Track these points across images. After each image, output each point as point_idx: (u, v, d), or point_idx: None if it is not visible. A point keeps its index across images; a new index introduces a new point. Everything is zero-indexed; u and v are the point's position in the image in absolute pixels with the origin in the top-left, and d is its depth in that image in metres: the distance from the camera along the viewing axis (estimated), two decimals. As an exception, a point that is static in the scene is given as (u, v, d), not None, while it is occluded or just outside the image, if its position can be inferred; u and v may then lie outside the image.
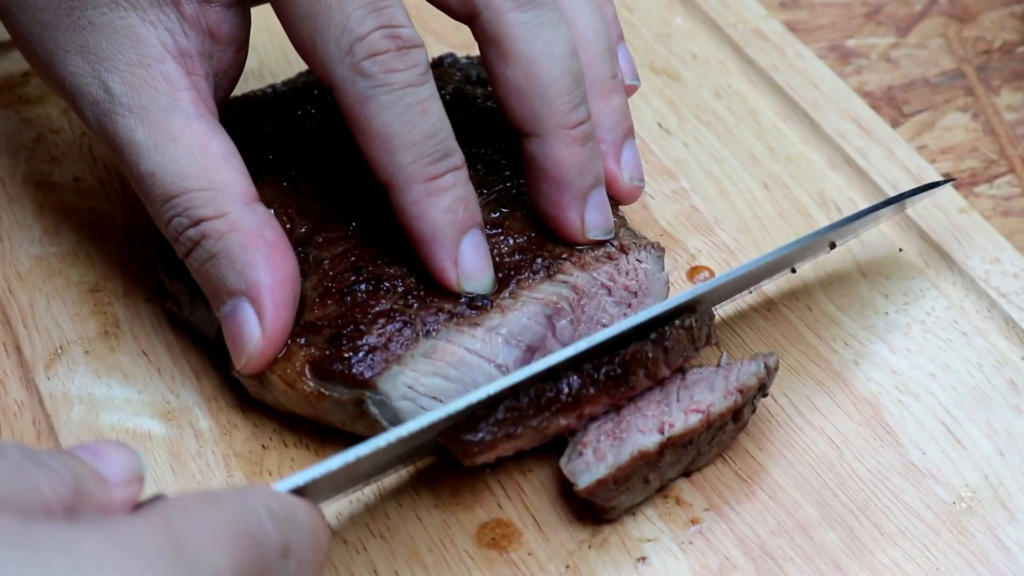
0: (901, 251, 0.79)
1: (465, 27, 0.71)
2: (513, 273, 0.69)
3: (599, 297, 0.71)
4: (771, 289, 0.77)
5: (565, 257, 0.70)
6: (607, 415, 0.67)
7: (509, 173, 0.73)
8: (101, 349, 0.74)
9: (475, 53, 0.80)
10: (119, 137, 0.68)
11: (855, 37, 0.94)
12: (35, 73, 0.74)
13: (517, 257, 0.70)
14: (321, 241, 0.71)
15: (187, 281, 0.72)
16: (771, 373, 0.68)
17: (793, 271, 0.74)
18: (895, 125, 0.87)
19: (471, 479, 0.69)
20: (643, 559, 0.66)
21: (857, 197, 0.82)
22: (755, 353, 0.69)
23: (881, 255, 0.79)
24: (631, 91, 0.77)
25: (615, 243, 0.71)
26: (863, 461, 0.69)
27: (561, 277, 0.70)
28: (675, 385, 0.67)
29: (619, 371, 0.66)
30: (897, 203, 0.75)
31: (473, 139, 0.74)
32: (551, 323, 0.70)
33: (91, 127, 0.70)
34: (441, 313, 0.68)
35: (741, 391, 0.66)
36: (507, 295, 0.69)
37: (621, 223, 0.73)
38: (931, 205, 0.80)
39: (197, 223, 0.67)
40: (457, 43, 0.90)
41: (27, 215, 0.82)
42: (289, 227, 0.72)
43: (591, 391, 0.65)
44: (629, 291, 0.71)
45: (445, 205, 0.67)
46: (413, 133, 0.66)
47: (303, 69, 0.83)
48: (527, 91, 0.69)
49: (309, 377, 0.67)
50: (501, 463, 0.69)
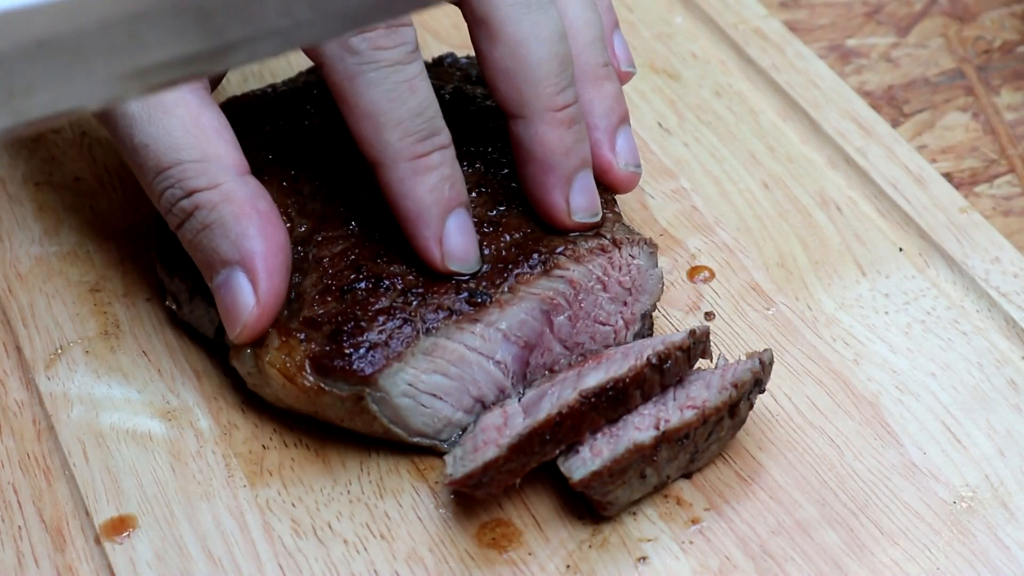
0: (901, 251, 0.79)
1: (465, 27, 0.71)
2: (511, 268, 0.69)
3: (595, 293, 0.71)
4: (771, 289, 0.77)
5: (560, 251, 0.70)
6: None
7: (507, 172, 0.73)
8: (101, 349, 0.74)
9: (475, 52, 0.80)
10: (113, 110, 0.69)
11: (855, 37, 0.94)
12: None
13: (514, 252, 0.70)
14: (321, 240, 0.71)
15: (186, 279, 0.72)
16: (766, 368, 0.68)
17: None
18: (895, 125, 0.87)
19: (471, 479, 0.69)
20: (643, 559, 0.66)
21: (857, 197, 0.82)
22: (751, 351, 0.69)
23: (881, 255, 0.79)
24: (627, 78, 0.77)
25: (608, 236, 0.71)
26: (863, 461, 0.69)
27: (558, 272, 0.70)
28: (672, 386, 0.67)
29: (618, 397, 0.66)
30: None
31: (472, 138, 0.74)
32: (548, 319, 0.70)
33: None
34: (441, 311, 0.68)
35: (735, 385, 0.66)
36: (505, 290, 0.69)
37: (616, 218, 0.73)
38: (931, 205, 0.80)
39: (190, 194, 0.67)
40: (457, 43, 0.90)
41: (27, 215, 0.82)
42: (289, 226, 0.72)
43: (591, 416, 0.66)
44: (623, 287, 0.72)
45: (431, 184, 0.68)
46: (400, 111, 0.67)
47: (303, 69, 0.83)
48: (513, 72, 0.69)
49: (309, 372, 0.67)
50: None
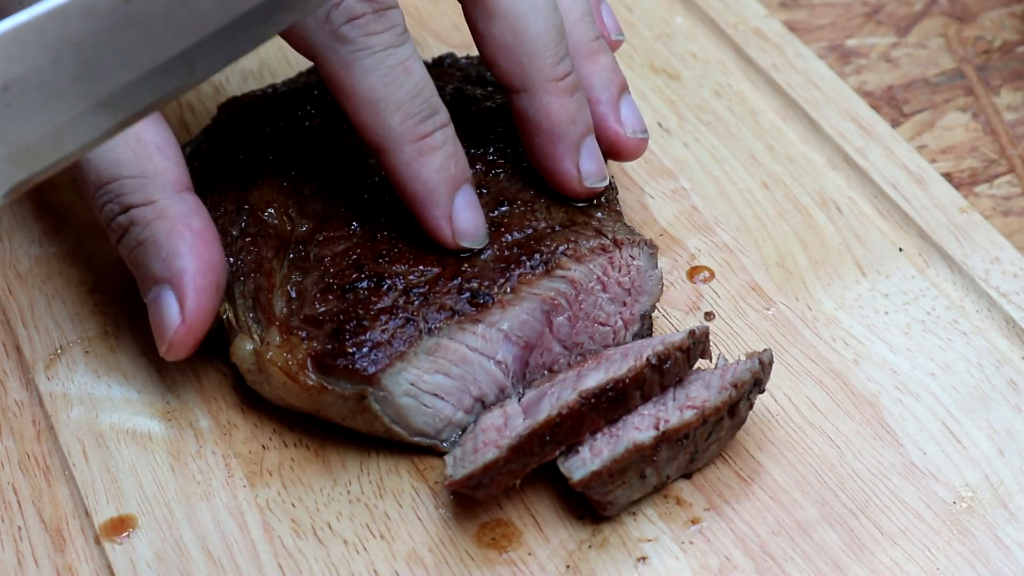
0: (901, 251, 0.79)
1: (465, 27, 0.71)
2: (513, 268, 0.69)
3: (595, 294, 0.71)
4: (771, 289, 0.77)
5: (562, 251, 0.70)
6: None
7: (509, 171, 0.73)
8: (101, 349, 0.74)
9: (475, 53, 0.80)
10: None
11: (855, 37, 0.94)
12: None
13: (516, 252, 0.70)
14: (322, 239, 0.71)
15: None
16: (766, 368, 0.68)
17: None
18: (895, 125, 0.87)
19: (471, 479, 0.69)
20: (643, 559, 0.66)
21: (857, 197, 0.82)
22: (751, 351, 0.69)
23: (881, 255, 0.79)
24: (617, 46, 0.78)
25: (609, 236, 0.71)
26: (863, 461, 0.69)
27: (559, 272, 0.70)
28: (671, 386, 0.67)
29: (618, 397, 0.66)
30: None
31: (473, 139, 0.74)
32: (549, 319, 0.70)
33: None
34: (443, 311, 0.68)
35: (735, 385, 0.66)
36: (508, 291, 0.69)
37: (617, 218, 0.73)
38: (931, 205, 0.80)
39: (126, 210, 0.68)
40: (457, 43, 0.90)
41: (27, 215, 0.82)
42: (290, 227, 0.72)
43: (591, 416, 0.65)
44: (623, 287, 0.72)
45: (437, 163, 0.68)
46: (399, 94, 0.67)
47: (303, 69, 0.83)
48: (514, 47, 0.70)
49: (311, 371, 0.67)
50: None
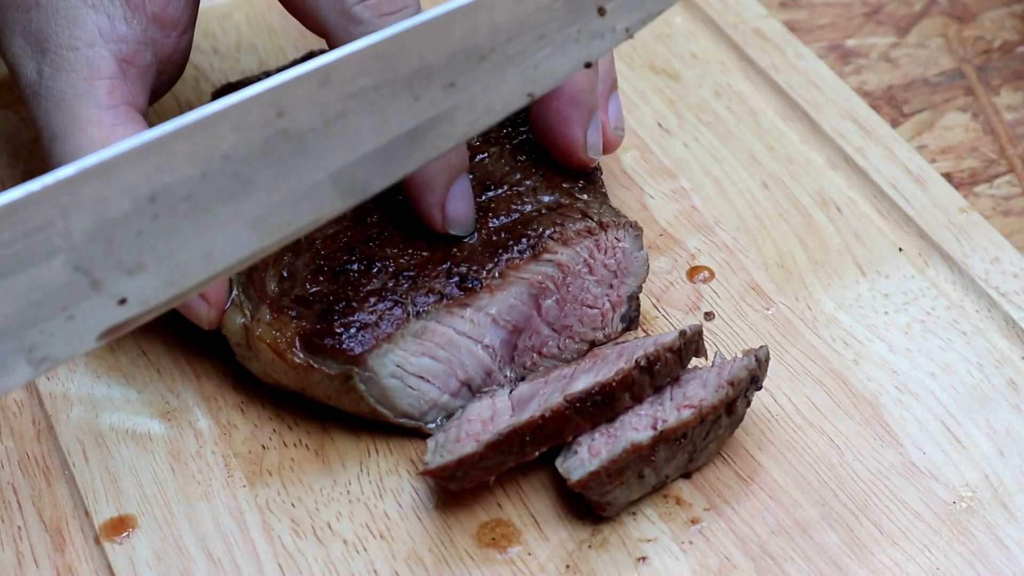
0: (901, 251, 0.79)
1: None
2: (501, 253, 0.70)
3: (582, 276, 0.72)
4: (771, 289, 0.77)
5: (549, 234, 0.71)
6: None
7: (495, 156, 0.74)
8: (101, 349, 0.74)
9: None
10: (39, 120, 0.69)
11: (855, 37, 0.94)
12: None
13: (504, 236, 0.71)
14: None
15: None
16: (762, 365, 0.68)
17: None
18: (895, 125, 0.87)
19: (471, 479, 0.69)
20: (643, 559, 0.66)
21: (857, 197, 0.82)
22: (748, 349, 0.69)
23: (881, 255, 0.79)
24: (616, 142, 0.78)
25: (595, 218, 0.72)
26: (863, 461, 0.69)
27: (547, 256, 0.71)
28: (668, 385, 0.68)
29: (604, 401, 0.66)
30: None
31: None
32: (537, 303, 0.71)
33: (27, 108, 0.70)
34: (431, 295, 0.69)
35: (732, 383, 0.66)
36: (496, 275, 0.70)
37: (603, 200, 0.74)
38: (931, 205, 0.80)
39: None
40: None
41: (27, 215, 0.82)
42: None
43: (575, 420, 0.66)
44: (609, 270, 0.72)
45: None
46: None
47: (297, 56, 0.83)
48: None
49: (299, 349, 0.68)
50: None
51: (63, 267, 0.57)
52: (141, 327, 0.75)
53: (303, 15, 0.67)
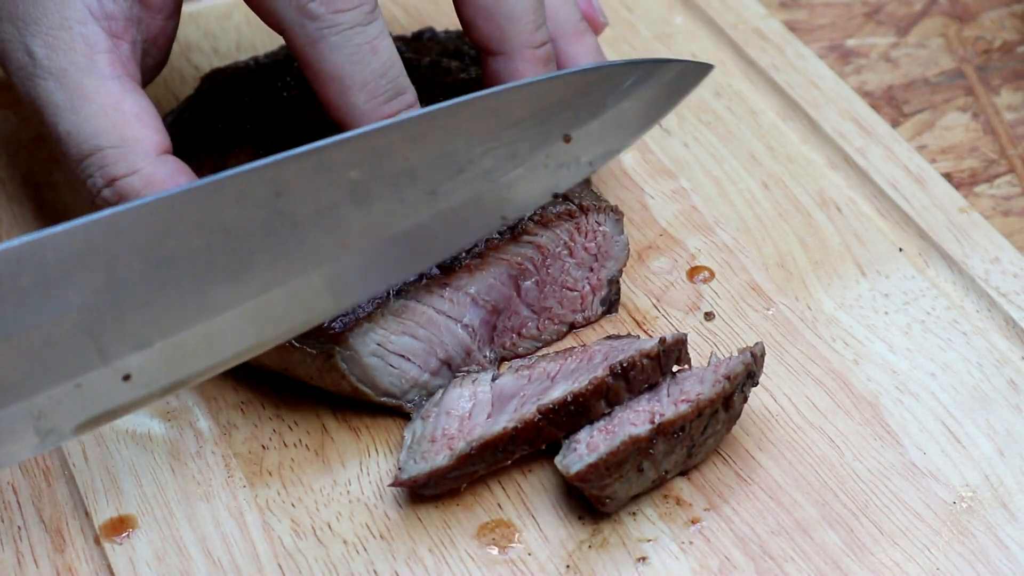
0: (901, 251, 0.79)
1: (443, 2, 0.71)
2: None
3: (563, 259, 0.73)
4: (771, 289, 0.77)
5: (529, 216, 0.71)
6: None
7: None
8: (101, 349, 0.74)
9: (453, 27, 0.80)
10: (40, 100, 0.69)
11: (855, 37, 0.94)
12: None
13: None
14: None
15: None
16: (758, 360, 0.68)
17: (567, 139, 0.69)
18: (895, 125, 0.87)
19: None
20: (643, 559, 0.66)
21: (857, 197, 0.82)
22: (744, 347, 0.69)
23: (881, 255, 0.79)
24: (602, 28, 0.80)
25: (576, 202, 0.73)
26: (863, 461, 0.69)
27: (526, 238, 0.71)
28: (665, 383, 0.68)
29: (578, 410, 0.66)
30: (644, 75, 0.71)
31: None
32: (516, 284, 0.72)
33: (19, 92, 0.71)
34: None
35: (728, 378, 0.66)
36: (475, 255, 0.70)
37: (584, 185, 0.74)
38: (931, 205, 0.80)
39: (111, 182, 0.68)
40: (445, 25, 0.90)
41: (27, 215, 0.82)
42: None
43: (549, 429, 0.66)
44: (589, 253, 0.73)
45: None
46: (364, 72, 0.67)
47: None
48: (495, 10, 0.71)
49: None
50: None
51: (74, 326, 0.60)
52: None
53: (262, 12, 0.68)
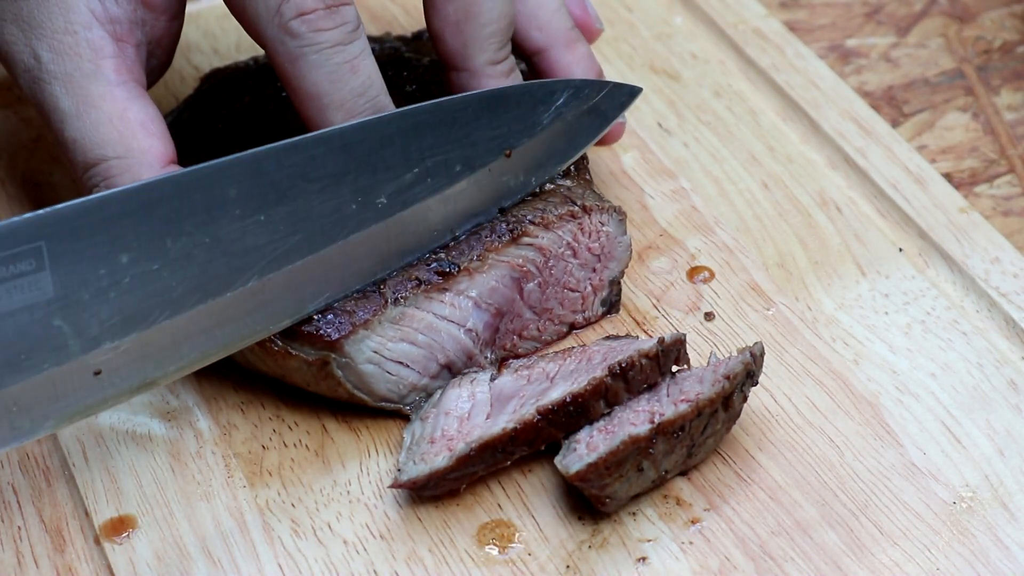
0: (901, 251, 0.79)
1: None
2: (481, 236, 0.71)
3: (566, 260, 0.73)
4: (771, 289, 0.77)
5: (529, 219, 0.71)
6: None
7: None
8: (101, 349, 0.74)
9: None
10: (46, 104, 0.69)
11: (855, 37, 0.94)
12: None
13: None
14: None
15: None
16: (757, 360, 0.68)
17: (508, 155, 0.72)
18: (895, 125, 0.87)
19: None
20: (643, 559, 0.66)
21: (857, 197, 0.82)
22: (743, 347, 0.69)
23: (881, 255, 0.79)
24: (598, 35, 0.81)
25: (578, 203, 0.73)
26: (863, 461, 0.69)
27: (526, 240, 0.71)
28: (665, 384, 0.68)
29: (578, 411, 0.66)
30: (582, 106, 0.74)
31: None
32: (519, 286, 0.72)
33: (25, 94, 0.71)
34: (409, 281, 0.69)
35: (728, 377, 0.66)
36: (474, 258, 0.70)
37: (586, 185, 0.74)
38: (931, 205, 0.80)
39: None
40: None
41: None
42: None
43: (548, 430, 0.66)
44: (592, 253, 0.73)
45: None
46: (343, 92, 0.68)
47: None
48: (463, 27, 0.71)
49: (277, 336, 0.68)
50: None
51: (46, 314, 0.61)
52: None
53: (245, 24, 0.68)
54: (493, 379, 0.70)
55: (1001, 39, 0.93)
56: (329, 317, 0.68)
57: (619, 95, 0.75)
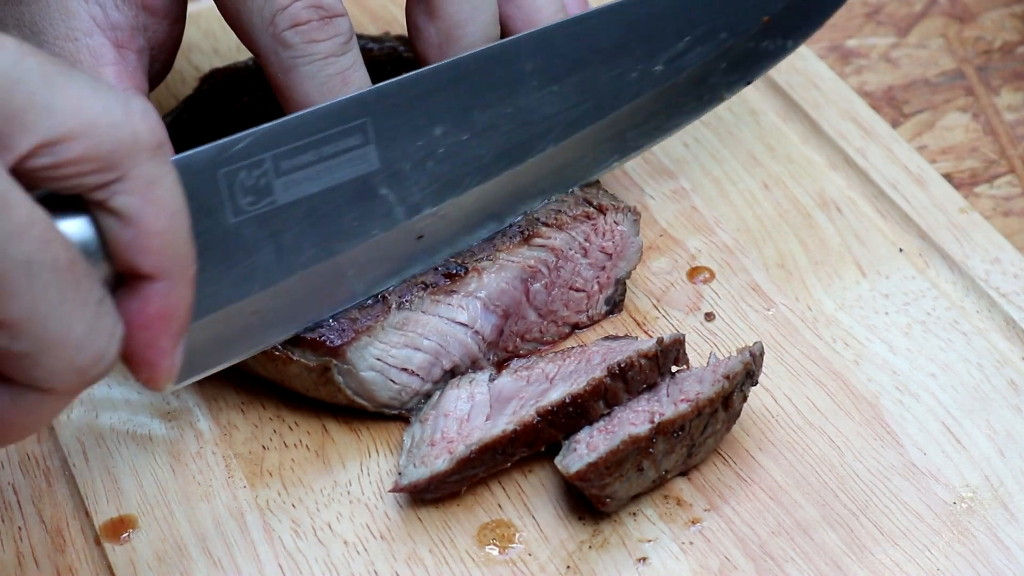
0: (901, 251, 0.79)
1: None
2: (492, 237, 0.71)
3: (576, 260, 0.73)
4: (771, 289, 0.77)
5: (542, 220, 0.71)
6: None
7: None
8: (101, 349, 0.74)
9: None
10: None
11: (855, 37, 0.94)
12: None
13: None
14: None
15: None
16: (757, 360, 0.68)
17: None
18: (895, 125, 0.87)
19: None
20: (643, 559, 0.66)
21: (857, 197, 0.82)
22: (743, 347, 0.69)
23: (881, 255, 0.79)
24: None
25: (594, 203, 0.73)
26: (863, 461, 0.69)
27: (538, 241, 0.71)
28: (665, 384, 0.68)
29: (577, 412, 0.66)
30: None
31: None
32: (526, 287, 0.72)
33: None
34: (415, 285, 0.69)
35: (727, 377, 0.66)
36: (485, 258, 0.70)
37: (599, 186, 0.74)
38: (931, 205, 0.80)
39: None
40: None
41: (27, 215, 0.82)
42: None
43: (548, 431, 0.66)
44: (605, 252, 0.73)
45: None
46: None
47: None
48: (444, 50, 0.72)
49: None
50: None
51: (373, 185, 0.67)
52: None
53: (239, 32, 0.68)
54: (492, 380, 0.70)
55: (1001, 39, 0.93)
56: (332, 323, 0.68)
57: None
